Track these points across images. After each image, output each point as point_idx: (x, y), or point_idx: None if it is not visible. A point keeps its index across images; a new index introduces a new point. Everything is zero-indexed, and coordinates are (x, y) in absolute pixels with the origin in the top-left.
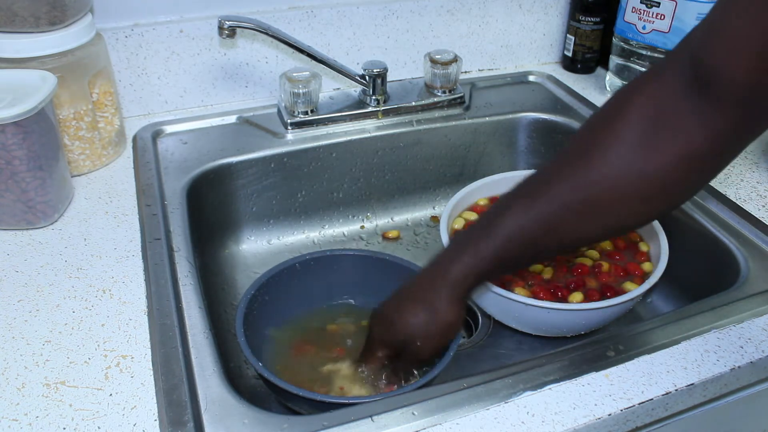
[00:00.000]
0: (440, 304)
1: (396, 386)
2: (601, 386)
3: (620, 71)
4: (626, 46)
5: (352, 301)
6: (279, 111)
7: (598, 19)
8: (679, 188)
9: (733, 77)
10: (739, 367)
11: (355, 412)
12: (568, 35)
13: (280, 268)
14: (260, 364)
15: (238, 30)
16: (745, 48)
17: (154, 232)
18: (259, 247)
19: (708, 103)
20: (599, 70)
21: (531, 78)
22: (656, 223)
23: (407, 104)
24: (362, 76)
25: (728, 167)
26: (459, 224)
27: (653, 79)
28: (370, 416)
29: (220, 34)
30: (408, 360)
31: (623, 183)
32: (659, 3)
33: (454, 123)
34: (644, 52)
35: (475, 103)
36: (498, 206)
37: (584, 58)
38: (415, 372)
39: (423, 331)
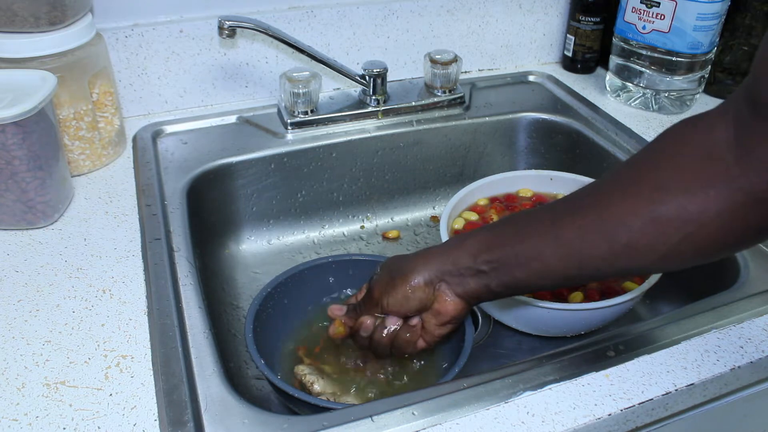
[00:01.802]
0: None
1: (368, 371)
2: (601, 386)
3: (620, 71)
4: (626, 46)
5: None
6: (279, 111)
7: (598, 19)
8: (739, 233)
9: None
10: (739, 367)
11: (355, 412)
12: (568, 35)
13: (290, 273)
14: (262, 361)
15: (238, 30)
16: None
17: (154, 232)
18: (259, 247)
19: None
20: (599, 70)
21: (531, 78)
22: None
23: (407, 104)
24: (362, 76)
25: None
26: (459, 224)
27: (706, 118)
28: (370, 416)
29: (220, 34)
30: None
31: (675, 226)
32: (659, 3)
33: (454, 123)
34: (644, 52)
35: (475, 103)
36: (520, 223)
37: (584, 58)
38: (388, 365)
39: (416, 302)
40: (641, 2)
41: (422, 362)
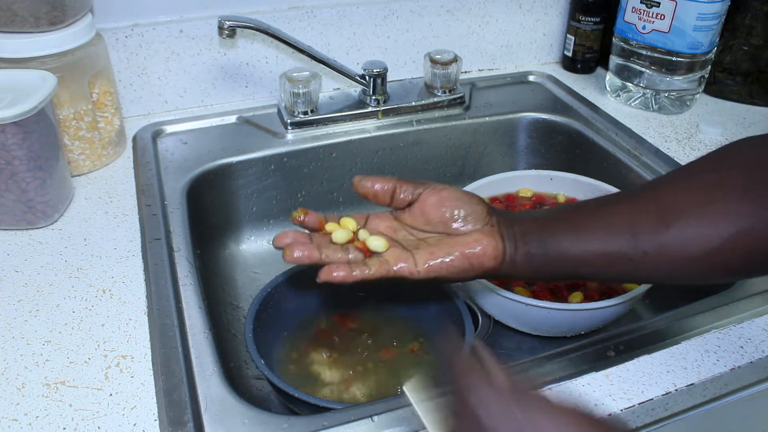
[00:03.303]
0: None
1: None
2: (601, 386)
3: (620, 71)
4: (626, 46)
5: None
6: (279, 111)
7: (598, 19)
8: None
9: None
10: (739, 367)
11: (355, 413)
12: (568, 35)
13: (290, 272)
14: (262, 361)
15: (238, 30)
16: None
17: (154, 232)
18: (259, 247)
19: None
20: (599, 70)
21: (531, 78)
22: None
23: (407, 104)
24: (362, 76)
25: None
26: None
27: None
28: (371, 416)
29: (220, 34)
30: None
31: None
32: (659, 3)
33: (454, 123)
34: (644, 52)
35: (475, 103)
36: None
37: (584, 58)
38: None
39: None
40: (641, 2)
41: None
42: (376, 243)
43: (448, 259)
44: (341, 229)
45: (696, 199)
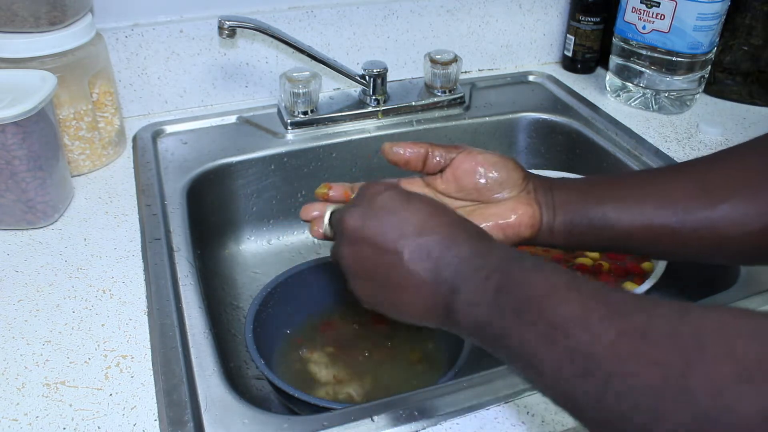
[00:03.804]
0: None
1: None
2: None
3: (620, 71)
4: (626, 46)
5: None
6: (279, 111)
7: (598, 19)
8: None
9: None
10: None
11: (355, 413)
12: (568, 35)
13: (290, 272)
14: (262, 361)
15: (238, 30)
16: None
17: (154, 232)
18: (259, 247)
19: None
20: (599, 70)
21: (531, 78)
22: None
23: (407, 104)
24: (362, 76)
25: None
26: None
27: None
28: (371, 416)
29: (220, 34)
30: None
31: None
32: (659, 3)
33: (454, 123)
34: (644, 52)
35: (475, 103)
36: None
37: (584, 58)
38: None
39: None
40: (641, 2)
41: (424, 363)
42: None
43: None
44: None
45: (748, 179)
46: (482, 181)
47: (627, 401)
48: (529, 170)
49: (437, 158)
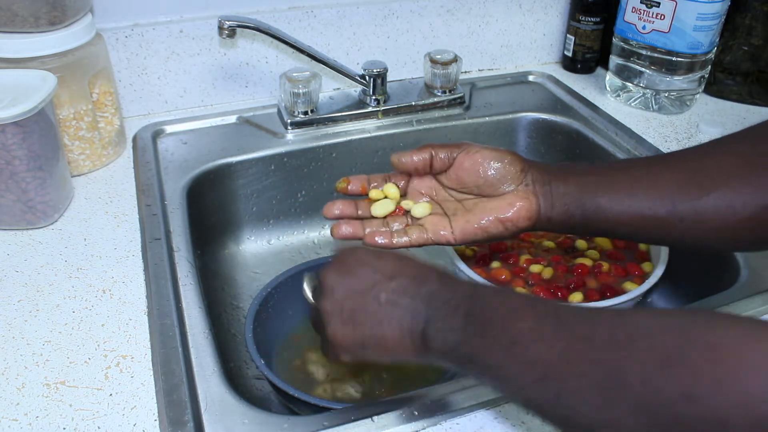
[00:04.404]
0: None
1: None
2: None
3: (620, 71)
4: (626, 46)
5: None
6: (279, 111)
7: (598, 19)
8: None
9: None
10: None
11: (355, 413)
12: (568, 35)
13: (290, 272)
14: (262, 361)
15: (238, 30)
16: None
17: (154, 232)
18: (259, 247)
19: None
20: (599, 70)
21: (531, 78)
22: None
23: (407, 104)
24: (362, 76)
25: None
26: None
27: None
28: (371, 416)
29: (220, 34)
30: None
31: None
32: (659, 3)
33: (454, 123)
34: (644, 52)
35: (475, 103)
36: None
37: (584, 58)
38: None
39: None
40: (641, 2)
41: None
42: (419, 210)
43: (482, 224)
44: (383, 202)
45: (736, 168)
46: (482, 178)
47: (579, 397)
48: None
49: (441, 157)
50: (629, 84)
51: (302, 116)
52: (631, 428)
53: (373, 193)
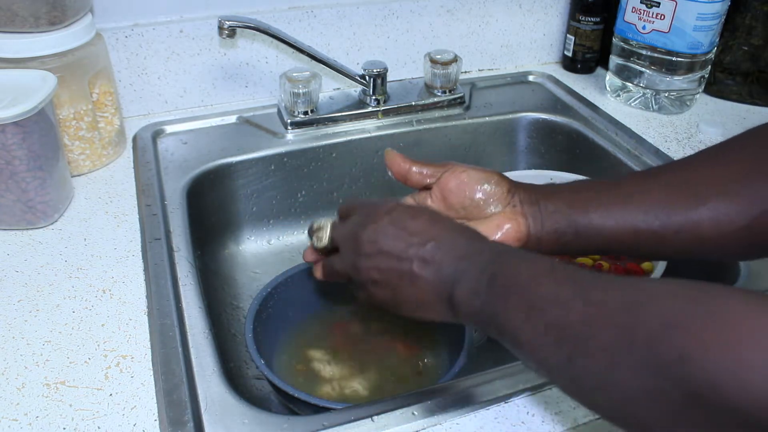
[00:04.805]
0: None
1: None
2: None
3: (620, 71)
4: (626, 46)
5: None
6: (279, 111)
7: (598, 19)
8: None
9: None
10: None
11: (355, 413)
12: (568, 35)
13: (290, 272)
14: (262, 361)
15: (238, 30)
16: None
17: (154, 232)
18: (259, 247)
19: None
20: (599, 70)
21: (531, 78)
22: None
23: (407, 104)
24: (362, 76)
25: None
26: None
27: None
28: (371, 416)
29: (220, 34)
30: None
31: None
32: (659, 3)
33: (454, 123)
34: (644, 52)
35: (475, 103)
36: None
37: (584, 58)
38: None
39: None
40: (641, 2)
41: (426, 360)
42: None
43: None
44: None
45: (729, 178)
46: (468, 200)
47: (589, 359)
48: (528, 169)
49: (425, 172)
50: (629, 84)
51: (302, 116)
52: (634, 388)
53: None
